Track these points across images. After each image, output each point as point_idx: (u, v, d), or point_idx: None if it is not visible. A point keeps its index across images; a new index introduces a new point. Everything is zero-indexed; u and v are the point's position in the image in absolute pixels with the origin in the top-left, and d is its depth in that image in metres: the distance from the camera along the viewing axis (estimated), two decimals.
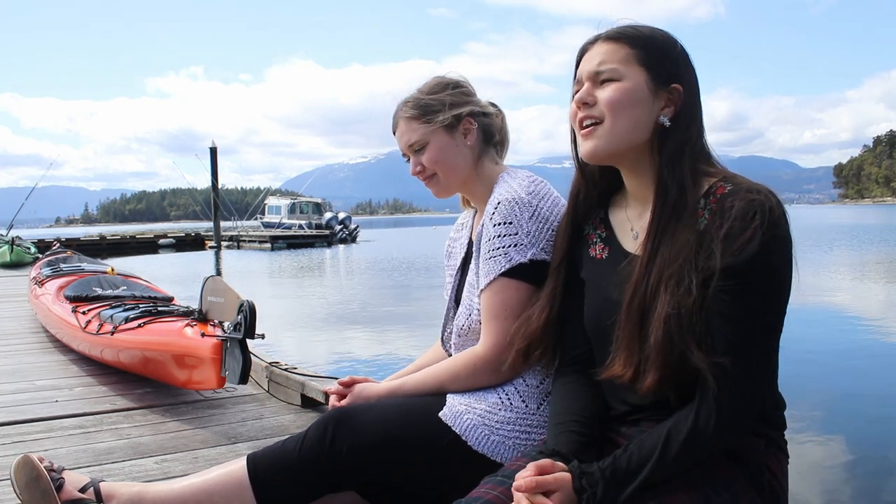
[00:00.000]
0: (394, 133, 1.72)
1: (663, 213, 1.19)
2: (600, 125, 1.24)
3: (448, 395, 1.55)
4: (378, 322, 9.96)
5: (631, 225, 1.32)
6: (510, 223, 1.53)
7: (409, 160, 1.71)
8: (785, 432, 1.28)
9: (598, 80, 1.25)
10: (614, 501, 1.11)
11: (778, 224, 1.10)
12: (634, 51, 1.24)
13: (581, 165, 1.37)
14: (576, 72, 1.33)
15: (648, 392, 1.16)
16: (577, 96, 1.27)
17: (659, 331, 1.12)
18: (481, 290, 1.56)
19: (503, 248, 1.52)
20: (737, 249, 1.09)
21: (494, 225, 1.54)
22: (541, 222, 1.53)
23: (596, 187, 1.39)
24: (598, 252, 1.36)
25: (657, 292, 1.14)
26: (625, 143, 1.24)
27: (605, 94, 1.24)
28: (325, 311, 11.62)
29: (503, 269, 1.52)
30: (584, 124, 1.27)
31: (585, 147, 1.27)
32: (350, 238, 37.03)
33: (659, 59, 1.24)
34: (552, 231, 1.53)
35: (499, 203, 1.55)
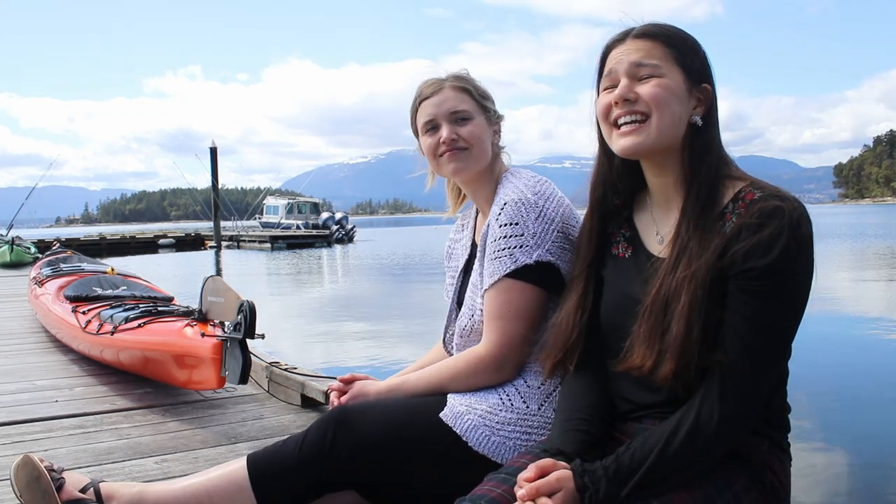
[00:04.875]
0: (422, 99, 1.67)
1: (692, 214, 1.20)
2: (645, 122, 1.23)
3: (449, 396, 1.55)
4: (378, 321, 9.96)
5: (657, 228, 1.31)
6: (516, 224, 1.52)
7: (428, 132, 1.66)
8: (788, 435, 1.28)
9: (638, 75, 1.23)
10: (616, 499, 1.11)
11: (803, 232, 1.12)
12: (670, 49, 1.24)
13: (608, 163, 1.35)
14: (601, 67, 1.31)
15: (664, 382, 1.16)
16: (618, 92, 1.24)
17: (679, 326, 1.13)
18: (485, 290, 1.56)
19: (508, 248, 1.52)
20: (760, 253, 1.10)
21: (501, 226, 1.54)
22: (546, 223, 1.52)
23: (618, 192, 1.37)
24: (621, 250, 1.36)
25: (680, 289, 1.15)
26: (666, 140, 1.23)
27: (648, 89, 1.22)
28: (326, 310, 11.61)
29: (508, 270, 1.51)
30: (622, 121, 1.25)
31: (625, 143, 1.24)
32: (347, 238, 37.04)
33: (692, 58, 1.25)
34: (557, 232, 1.52)
35: (505, 204, 1.54)
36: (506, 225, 1.53)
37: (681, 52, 1.24)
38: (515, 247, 1.51)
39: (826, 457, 4.00)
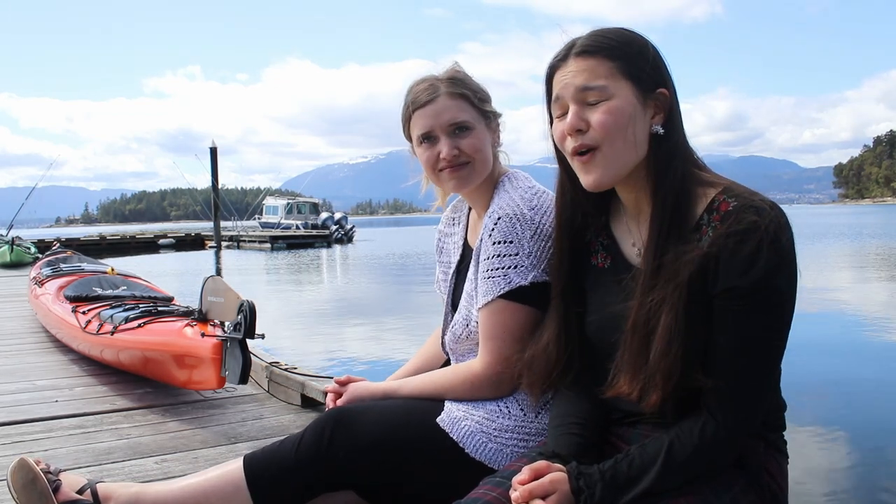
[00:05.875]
0: (416, 108, 1.57)
1: (662, 227, 1.16)
2: (597, 151, 1.18)
3: (446, 401, 1.53)
4: (378, 321, 9.96)
5: (633, 239, 1.28)
6: (510, 242, 1.45)
7: (424, 143, 1.57)
8: (784, 433, 1.28)
9: (587, 100, 1.18)
10: None
11: (782, 244, 1.09)
12: (615, 63, 1.17)
13: (571, 183, 1.29)
14: (548, 89, 1.25)
15: (654, 409, 1.15)
16: (569, 124, 1.19)
17: (662, 350, 1.11)
18: (479, 308, 1.51)
19: (503, 268, 1.45)
20: (741, 270, 1.08)
21: (494, 243, 1.47)
22: (543, 240, 1.46)
23: (582, 212, 1.32)
24: (600, 260, 1.32)
25: (660, 311, 1.12)
26: (627, 165, 1.19)
27: (597, 117, 1.16)
28: (325, 310, 11.62)
29: (502, 292, 1.46)
30: (578, 152, 1.20)
31: (588, 179, 1.20)
32: (346, 238, 37.03)
33: (640, 66, 1.18)
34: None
35: (499, 219, 1.47)
36: (499, 243, 1.46)
37: (627, 62, 1.17)
38: (510, 267, 1.45)
39: (824, 456, 3.99)
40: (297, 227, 37.52)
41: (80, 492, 1.51)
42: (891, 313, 9.69)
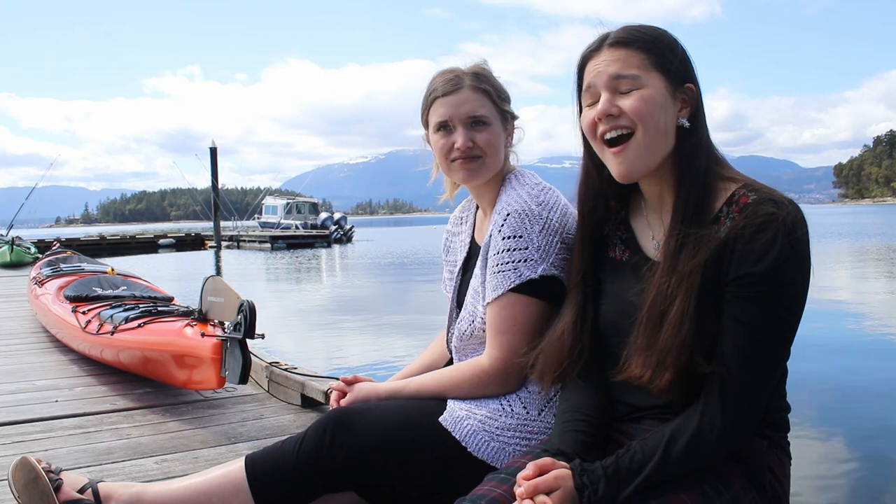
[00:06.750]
0: (437, 96, 1.59)
1: (684, 219, 1.18)
2: (632, 138, 1.20)
3: (449, 400, 1.54)
4: (378, 321, 9.96)
5: (652, 233, 1.29)
6: (520, 237, 1.48)
7: (440, 131, 1.59)
8: (788, 434, 1.28)
9: (619, 88, 1.21)
10: (615, 499, 1.11)
11: (798, 237, 1.11)
12: (648, 55, 1.21)
13: (597, 173, 1.31)
14: (580, 79, 1.29)
15: (662, 392, 1.16)
16: (600, 109, 1.21)
17: (674, 334, 1.12)
18: (488, 304, 1.52)
19: (512, 262, 1.48)
20: (755, 258, 1.10)
21: (504, 238, 1.49)
22: (551, 235, 1.48)
23: (609, 200, 1.34)
24: (618, 253, 1.34)
25: (675, 296, 1.14)
26: (659, 154, 1.21)
27: (629, 103, 1.19)
28: (326, 310, 11.62)
29: (513, 286, 1.47)
30: (608, 137, 1.22)
31: (620, 169, 1.22)
32: (345, 238, 37.05)
33: (671, 60, 1.22)
34: (561, 243, 1.49)
35: (508, 214, 1.50)
36: (509, 238, 1.49)
37: (658, 55, 1.21)
38: (519, 261, 1.47)
39: (826, 456, 3.99)
40: (297, 227, 37.56)
41: (82, 491, 1.52)
42: (892, 314, 9.69)
